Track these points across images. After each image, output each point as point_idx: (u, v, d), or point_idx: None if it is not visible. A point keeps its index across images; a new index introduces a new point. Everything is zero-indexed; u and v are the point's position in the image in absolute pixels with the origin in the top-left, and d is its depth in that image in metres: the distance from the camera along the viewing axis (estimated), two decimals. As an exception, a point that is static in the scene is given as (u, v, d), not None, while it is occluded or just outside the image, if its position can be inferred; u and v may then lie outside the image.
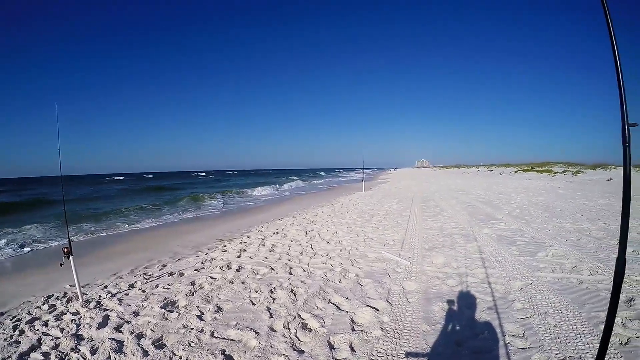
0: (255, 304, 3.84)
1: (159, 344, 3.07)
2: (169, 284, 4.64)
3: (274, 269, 5.13)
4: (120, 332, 3.30)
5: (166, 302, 3.99)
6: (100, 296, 4.29)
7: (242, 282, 4.58)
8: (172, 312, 3.72)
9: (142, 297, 4.20)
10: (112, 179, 77.32)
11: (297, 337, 3.12)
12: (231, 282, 4.60)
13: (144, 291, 4.43)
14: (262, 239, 7.31)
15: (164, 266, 5.68)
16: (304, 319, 3.46)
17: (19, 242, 8.49)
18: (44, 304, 4.13)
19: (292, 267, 5.18)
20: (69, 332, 3.35)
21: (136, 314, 3.71)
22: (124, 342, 3.12)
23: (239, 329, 3.27)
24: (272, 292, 4.19)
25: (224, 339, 3.11)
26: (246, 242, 7.12)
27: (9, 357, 2.95)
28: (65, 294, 4.50)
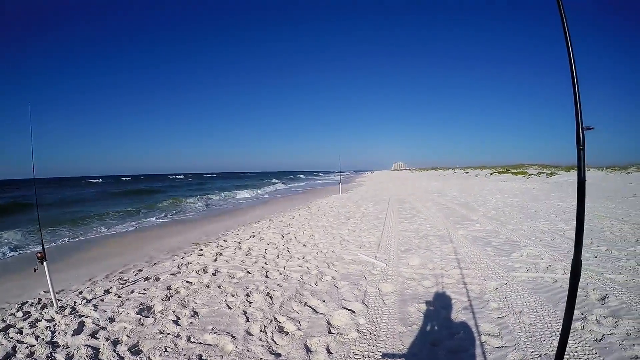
0: (231, 308, 3.89)
1: (135, 350, 3.09)
2: (144, 289, 4.64)
3: (250, 273, 5.18)
4: (95, 338, 3.30)
5: (142, 307, 4.00)
6: (75, 302, 4.26)
7: (219, 286, 4.62)
8: (148, 317, 3.73)
9: (118, 302, 4.19)
10: (90, 181, 75.32)
11: (273, 340, 3.15)
12: (207, 286, 4.64)
13: (120, 296, 4.41)
14: (239, 242, 7.35)
15: (140, 271, 5.65)
16: (280, 323, 3.50)
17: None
18: (18, 311, 4.07)
19: (268, 271, 5.24)
20: (44, 339, 3.32)
21: (112, 319, 3.71)
22: (99, 348, 3.12)
23: (215, 333, 3.30)
24: (248, 295, 4.24)
25: (200, 343, 3.14)
26: (223, 246, 7.14)
27: (-18, 366, 2.92)
28: (39, 300, 4.43)
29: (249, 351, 2.99)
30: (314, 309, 3.80)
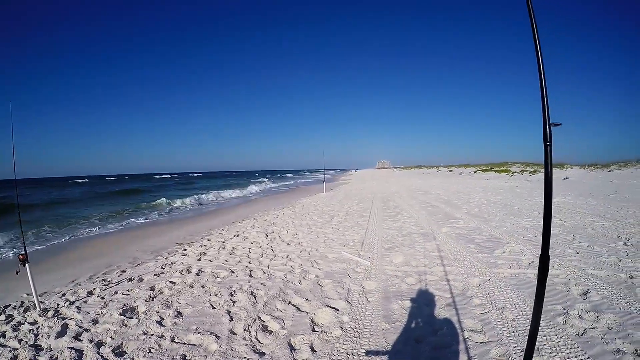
0: (215, 308, 3.93)
1: (119, 352, 3.11)
2: (128, 290, 4.64)
3: (234, 272, 5.22)
4: (79, 340, 3.31)
5: (125, 308, 4.01)
6: (58, 304, 4.24)
7: (202, 286, 4.66)
8: (131, 318, 3.75)
9: (101, 304, 4.19)
10: (76, 182, 73.39)
11: (257, 339, 3.18)
12: (191, 286, 4.67)
13: (103, 298, 4.41)
14: (223, 242, 7.38)
15: (123, 272, 5.64)
16: (264, 321, 3.52)
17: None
18: (0, 315, 4.04)
19: (252, 270, 5.29)
20: (27, 342, 3.31)
21: (95, 321, 3.71)
22: (83, 350, 3.14)
23: (199, 333, 3.34)
24: (232, 295, 4.29)
25: (184, 343, 3.17)
26: (206, 246, 7.16)
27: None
28: (22, 303, 4.40)
29: (233, 350, 3.02)
30: (297, 308, 3.84)
